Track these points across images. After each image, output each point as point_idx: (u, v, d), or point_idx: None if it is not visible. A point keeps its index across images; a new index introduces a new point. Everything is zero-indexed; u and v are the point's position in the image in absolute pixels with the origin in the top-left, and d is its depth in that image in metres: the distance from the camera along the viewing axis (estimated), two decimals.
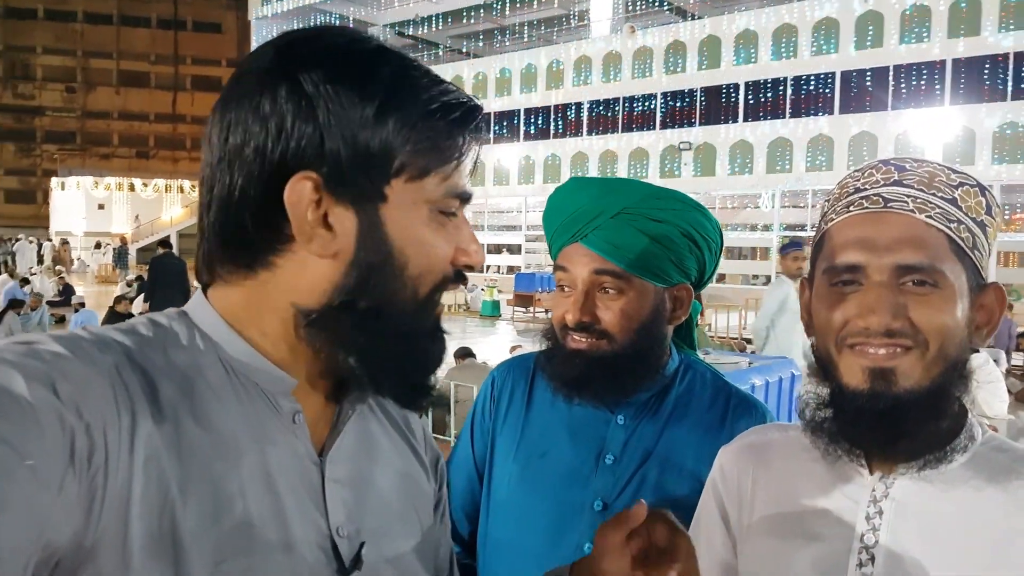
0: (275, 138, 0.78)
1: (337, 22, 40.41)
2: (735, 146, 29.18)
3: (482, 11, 37.14)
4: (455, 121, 0.83)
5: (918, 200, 1.05)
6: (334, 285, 0.81)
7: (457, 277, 0.88)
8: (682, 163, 30.22)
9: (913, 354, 1.02)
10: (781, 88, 28.28)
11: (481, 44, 39.79)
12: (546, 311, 21.04)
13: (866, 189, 1.09)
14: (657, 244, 1.50)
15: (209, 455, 0.77)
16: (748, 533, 1.21)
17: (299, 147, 0.78)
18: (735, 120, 29.23)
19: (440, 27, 39.11)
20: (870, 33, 26.60)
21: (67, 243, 35.20)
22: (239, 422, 0.81)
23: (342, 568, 0.84)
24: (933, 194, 1.05)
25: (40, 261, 32.49)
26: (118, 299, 14.24)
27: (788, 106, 28.17)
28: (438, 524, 1.06)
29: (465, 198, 0.87)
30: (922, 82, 25.79)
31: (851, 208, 1.09)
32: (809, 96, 27.83)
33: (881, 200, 1.06)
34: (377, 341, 0.83)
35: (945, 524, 1.04)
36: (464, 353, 9.47)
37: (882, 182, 1.08)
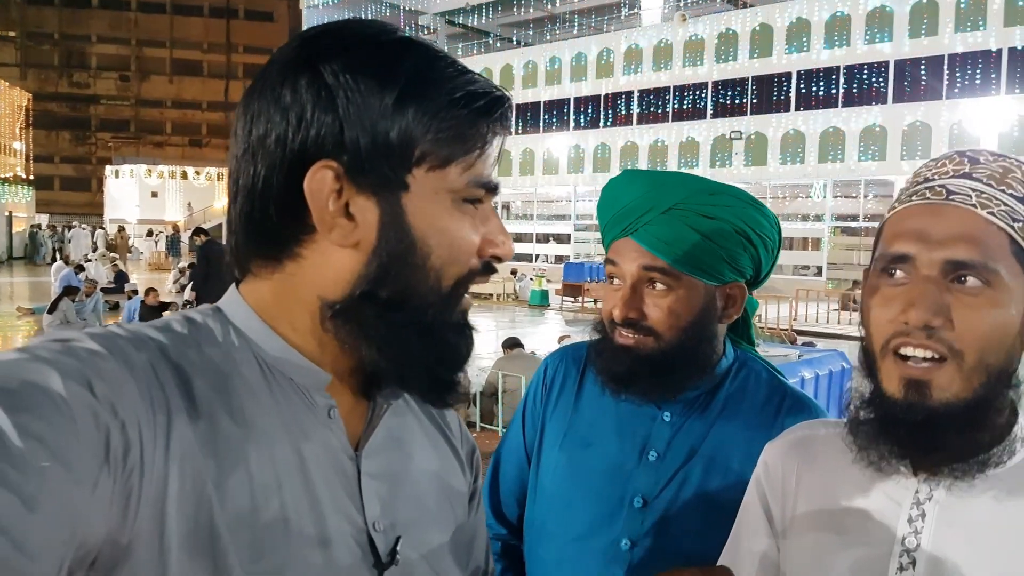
0: (295, 128, 0.78)
1: (388, 11, 40.55)
2: (787, 136, 28.83)
3: (532, 0, 37.01)
4: (478, 110, 0.82)
5: (983, 195, 1.00)
6: (356, 275, 0.81)
7: (485, 269, 0.87)
8: (733, 153, 29.91)
9: (949, 367, 0.98)
10: (834, 78, 27.86)
11: (531, 33, 39.67)
12: (595, 301, 21.00)
13: (934, 179, 1.04)
14: (709, 241, 1.47)
15: (244, 451, 0.77)
16: (790, 531, 1.18)
17: (319, 136, 0.78)
18: (787, 110, 28.86)
19: (490, 16, 39.09)
20: (925, 22, 26.08)
21: (124, 231, 35.82)
22: (274, 418, 0.81)
23: (379, 562, 0.85)
24: (1003, 190, 1.00)
25: (94, 248, 33.12)
26: (148, 291, 14.40)
27: (841, 96, 27.76)
28: (473, 517, 1.06)
29: (491, 188, 0.86)
30: (977, 72, 25.24)
31: (914, 198, 1.05)
32: (862, 86, 27.39)
33: (944, 191, 1.01)
34: (400, 333, 0.83)
35: (992, 529, 1.00)
36: (512, 343, 9.47)
37: (951, 173, 1.03)
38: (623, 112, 32.96)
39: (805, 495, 1.17)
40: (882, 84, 27.00)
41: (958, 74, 25.60)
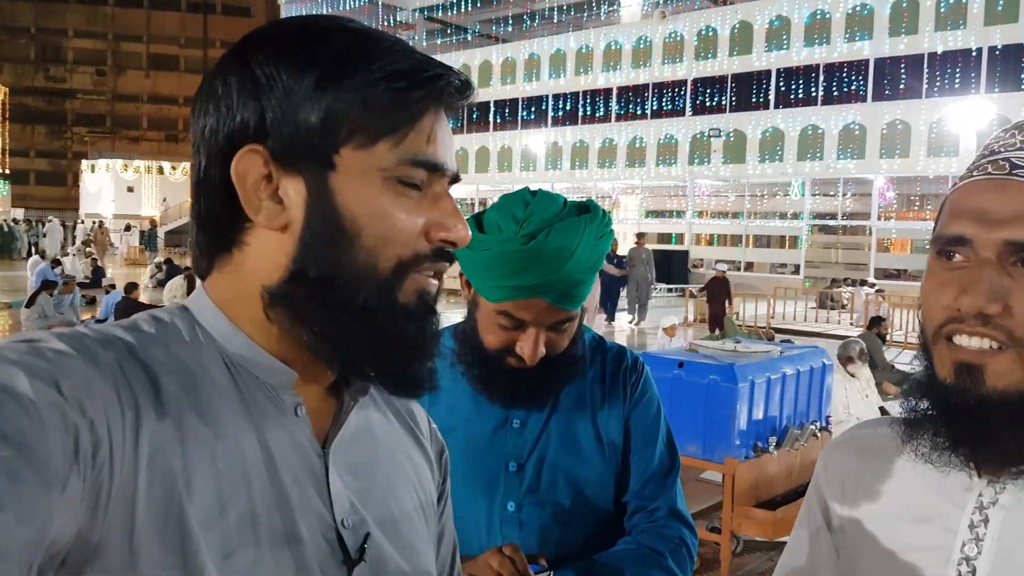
0: (224, 117, 0.81)
1: (366, 6, 40.39)
2: (766, 134, 28.97)
3: None
4: (406, 86, 0.81)
5: None
6: (288, 257, 0.81)
7: (437, 255, 0.85)
8: (712, 151, 30.03)
9: (1008, 355, 0.90)
10: (813, 76, 28.02)
11: (511, 29, 39.65)
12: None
13: (999, 151, 0.96)
14: (593, 273, 1.60)
15: (213, 449, 0.77)
16: (848, 532, 1.12)
17: (244, 123, 0.80)
18: (766, 108, 29.01)
19: (469, 11, 39.02)
20: (904, 21, 26.26)
21: (103, 225, 35.49)
22: (241, 416, 0.81)
23: (348, 559, 0.85)
24: None
25: (72, 242, 32.82)
26: (130, 286, 14.33)
27: (820, 94, 27.91)
28: (441, 515, 1.08)
29: (431, 167, 0.84)
30: (957, 70, 25.46)
31: (975, 173, 0.96)
32: (841, 85, 27.57)
33: (1007, 165, 0.93)
34: (333, 315, 0.82)
35: None
36: None
37: (1019, 144, 0.95)
38: (601, 109, 33.03)
39: (865, 495, 1.11)
40: (862, 83, 27.19)
41: (937, 73, 25.81)
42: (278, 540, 0.79)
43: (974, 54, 25.11)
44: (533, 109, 34.81)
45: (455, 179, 0.89)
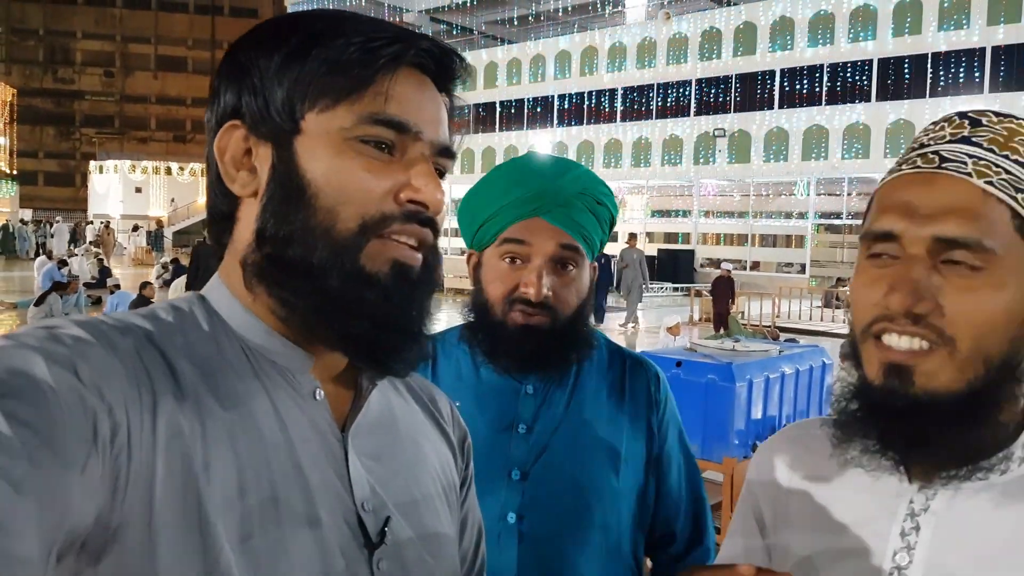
0: (215, 105, 0.87)
1: (372, 9, 40.40)
2: (770, 134, 28.91)
3: None
4: (363, 49, 0.82)
5: (981, 162, 0.88)
6: (255, 222, 0.84)
7: (407, 217, 0.83)
8: (716, 150, 29.99)
9: (938, 354, 0.87)
10: (817, 75, 27.95)
11: (516, 29, 39.65)
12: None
13: (928, 145, 0.93)
14: (598, 225, 1.58)
15: (232, 432, 0.77)
16: (781, 536, 1.08)
17: (226, 105, 0.85)
18: (770, 108, 28.94)
19: (475, 13, 39.03)
20: (908, 20, 26.19)
21: (109, 226, 35.61)
22: (260, 400, 0.82)
23: (368, 542, 0.85)
24: (1006, 156, 0.88)
25: (75, 242, 32.93)
26: (144, 284, 14.40)
27: (824, 94, 27.85)
28: (464, 501, 1.07)
29: (393, 124, 0.83)
30: (961, 70, 25.37)
31: (903, 167, 0.94)
32: (845, 84, 27.49)
33: (937, 158, 0.90)
34: (290, 277, 0.82)
35: (996, 545, 0.88)
36: None
37: (948, 137, 0.92)
38: (607, 109, 32.98)
39: (797, 499, 1.06)
40: (866, 82, 27.10)
41: (941, 72, 25.72)
42: (298, 523, 0.79)
43: (978, 53, 25.03)
44: (539, 109, 34.78)
45: (445, 151, 0.88)
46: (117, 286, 16.79)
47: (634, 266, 18.03)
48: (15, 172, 52.09)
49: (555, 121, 34.35)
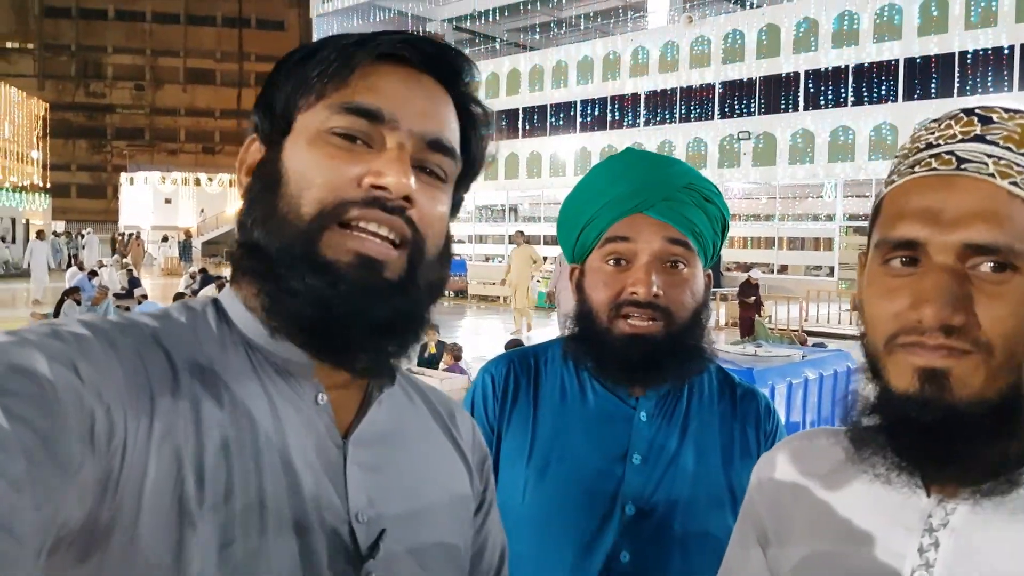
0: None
1: (396, 17, 40.45)
2: (796, 135, 28.70)
3: (539, 4, 37.07)
4: (341, 51, 0.84)
5: (1002, 161, 0.84)
6: (239, 216, 0.87)
7: (367, 203, 0.81)
8: (741, 153, 29.84)
9: (972, 359, 0.82)
10: (843, 77, 27.72)
11: (538, 37, 39.71)
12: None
13: (939, 145, 0.88)
14: (709, 224, 1.48)
15: (225, 434, 0.77)
16: (786, 553, 1.02)
17: (252, 124, 0.90)
18: (795, 109, 28.69)
19: (497, 20, 39.13)
20: (934, 18, 25.95)
21: (139, 236, 36.02)
22: (260, 403, 0.81)
23: (358, 554, 0.83)
24: (1023, 154, 0.84)
25: (111, 253, 33.31)
26: (178, 296, 14.50)
27: (850, 94, 27.62)
28: (479, 525, 1.03)
29: (361, 112, 0.83)
30: (989, 68, 25.09)
31: (916, 169, 0.88)
32: (871, 85, 27.22)
33: (954, 160, 0.85)
34: (260, 263, 0.83)
35: (1019, 561, 0.84)
36: (514, 345, 9.49)
37: (960, 136, 0.87)
38: (630, 114, 32.86)
39: (802, 515, 1.01)
40: (892, 83, 26.87)
41: (969, 73, 25.43)
42: (285, 529, 0.78)
43: (1006, 52, 24.75)
44: (561, 115, 34.74)
45: (436, 145, 0.87)
46: (145, 296, 16.97)
47: None
48: (48, 185, 52.82)
49: (578, 127, 34.32)
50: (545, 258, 34.71)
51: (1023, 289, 0.81)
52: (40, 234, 22.11)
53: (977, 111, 0.89)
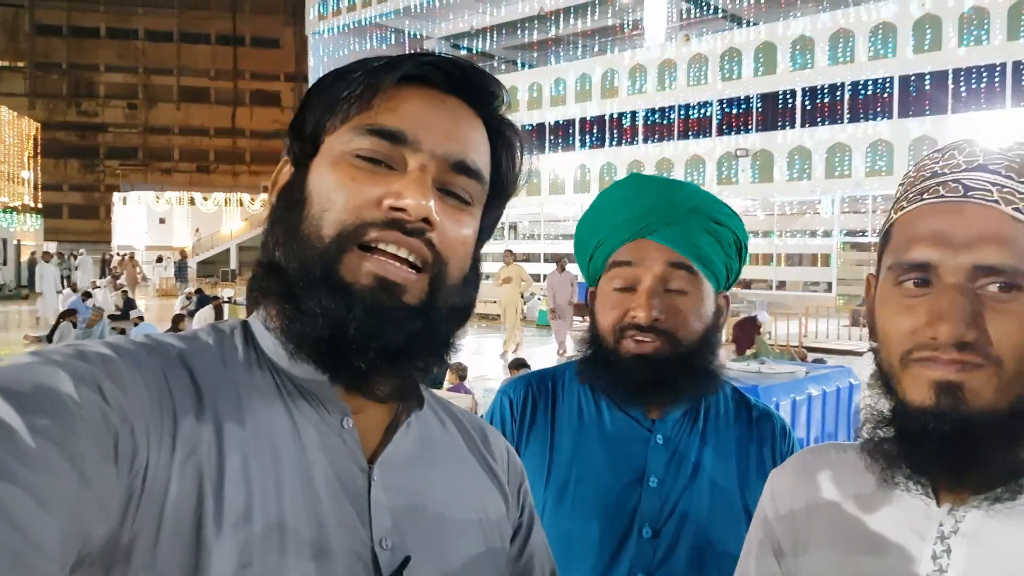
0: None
1: (392, 37, 40.84)
2: (793, 151, 28.82)
3: (536, 23, 37.21)
4: (370, 72, 0.84)
5: (1005, 189, 0.90)
6: (263, 236, 0.88)
7: (387, 224, 0.81)
8: (739, 169, 29.92)
9: (985, 372, 0.87)
10: (839, 93, 27.87)
11: (535, 55, 39.86)
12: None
13: (945, 174, 0.94)
14: (718, 247, 1.49)
15: (246, 455, 0.77)
16: (801, 566, 1.06)
17: (285, 147, 0.91)
18: (792, 126, 28.88)
19: (495, 40, 39.28)
20: (928, 36, 26.12)
21: (133, 257, 35.92)
22: (282, 425, 0.81)
23: None
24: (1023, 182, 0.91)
25: (103, 274, 33.20)
26: (178, 317, 14.41)
27: (846, 111, 27.76)
28: (518, 551, 1.02)
29: (384, 134, 0.83)
30: (983, 84, 25.21)
31: (925, 196, 0.94)
32: (867, 100, 27.39)
33: (960, 188, 0.91)
34: (280, 284, 0.83)
35: None
36: (518, 364, 9.39)
37: (963, 166, 0.93)
38: (628, 129, 33.03)
39: (817, 529, 1.05)
40: (887, 98, 27.01)
41: (963, 87, 25.59)
42: (305, 553, 0.76)
43: (999, 69, 24.88)
44: (560, 134, 34.89)
45: (460, 167, 0.86)
46: (140, 318, 16.84)
47: (564, 292, 16.83)
48: (40, 205, 52.78)
49: (576, 143, 34.41)
50: (543, 276, 34.94)
51: None
52: (47, 256, 22.29)
53: (978, 142, 0.95)
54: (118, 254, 39.97)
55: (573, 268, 17.53)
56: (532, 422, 1.55)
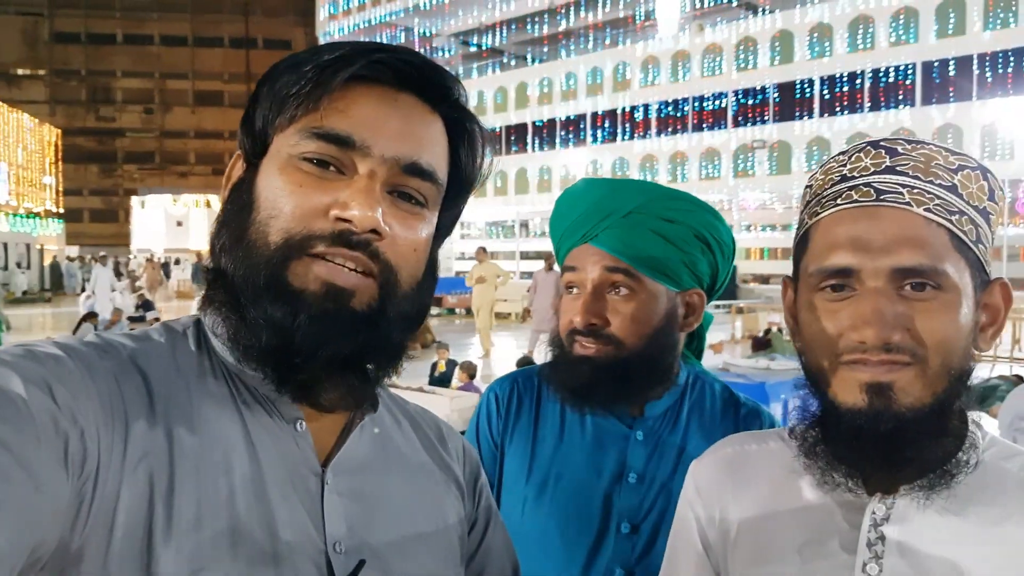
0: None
1: (402, 35, 40.88)
2: (812, 142, 28.57)
3: (546, 17, 37.09)
4: (318, 68, 0.81)
5: (914, 190, 0.93)
6: (211, 239, 0.85)
7: (335, 238, 0.78)
8: (756, 161, 29.70)
9: (912, 370, 0.90)
10: (859, 81, 27.57)
11: (546, 50, 39.73)
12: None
13: (855, 177, 0.97)
14: (670, 245, 1.46)
15: (198, 461, 0.75)
16: (731, 558, 1.07)
17: (238, 139, 0.88)
18: (811, 116, 28.62)
19: (504, 35, 39.18)
20: (952, 20, 25.79)
21: (152, 261, 36.14)
22: (233, 429, 0.79)
23: None
24: (931, 181, 0.94)
25: (119, 277, 33.36)
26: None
27: (867, 99, 27.47)
28: (475, 545, 1.02)
29: (331, 138, 0.80)
30: (1009, 69, 24.87)
31: (839, 201, 0.97)
32: (889, 88, 27.09)
33: (873, 191, 0.94)
34: (224, 291, 0.81)
35: (959, 543, 0.92)
36: (525, 363, 9.36)
37: (872, 169, 0.96)
38: (641, 123, 32.85)
39: (745, 522, 1.06)
40: (910, 85, 26.72)
41: (988, 72, 25.26)
42: (257, 559, 0.75)
43: None
44: (571, 126, 34.76)
45: (412, 168, 0.83)
46: (157, 319, 16.86)
47: (546, 291, 14.64)
48: (61, 210, 53.17)
49: (588, 138, 34.27)
50: None
51: (947, 303, 0.91)
52: (103, 259, 22.52)
53: (883, 144, 0.97)
54: (135, 256, 40.14)
55: (511, 266, 16.79)
56: (517, 418, 1.57)
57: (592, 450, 1.50)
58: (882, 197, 0.93)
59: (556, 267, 12.43)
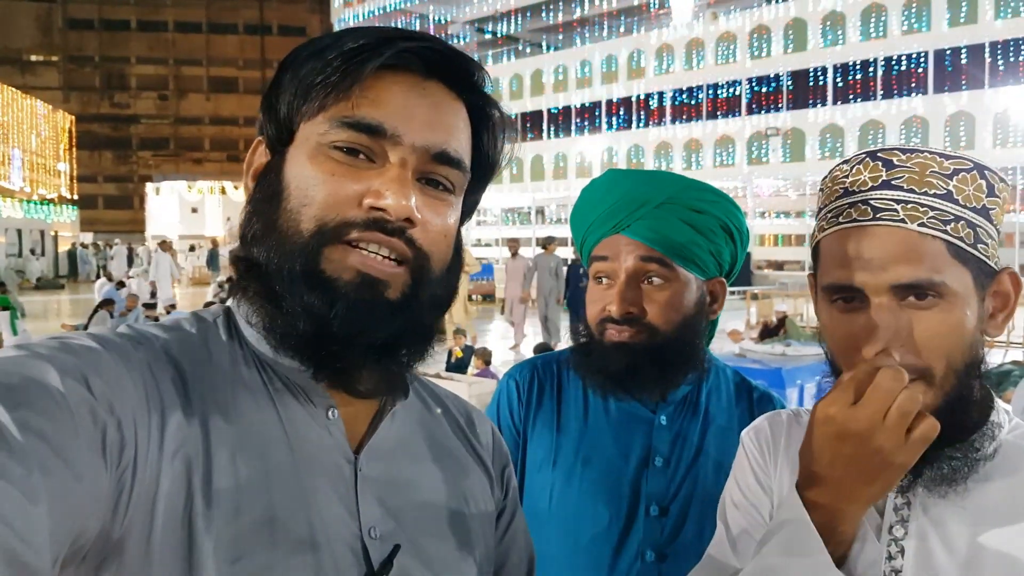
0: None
1: (417, 22, 40.76)
2: (825, 130, 28.48)
3: (561, 4, 36.98)
4: (346, 56, 0.81)
5: (908, 205, 0.98)
6: (240, 228, 0.85)
7: (368, 224, 0.80)
8: (770, 149, 29.61)
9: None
10: (871, 69, 27.45)
11: (561, 37, 39.64)
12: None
13: (855, 192, 1.02)
14: (699, 235, 1.50)
15: (235, 450, 0.77)
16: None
17: (259, 125, 0.89)
18: (824, 103, 28.52)
19: (520, 23, 39.10)
20: (964, 8, 25.63)
21: (169, 246, 36.34)
22: (269, 417, 0.81)
23: (371, 571, 0.81)
24: (925, 192, 0.98)
25: (131, 264, 33.47)
26: (208, 305, 14.43)
27: (879, 87, 27.34)
28: (501, 533, 1.03)
29: (362, 127, 0.81)
30: (1021, 57, 24.70)
31: (841, 219, 1.03)
32: (901, 76, 26.97)
33: (870, 210, 0.99)
34: (258, 279, 0.81)
35: (980, 523, 0.97)
36: (543, 348, 9.42)
37: (870, 183, 1.01)
38: (656, 110, 32.77)
39: (785, 483, 1.13)
40: (922, 73, 26.57)
41: (1000, 60, 25.11)
42: (294, 545, 0.76)
43: None
44: (586, 114, 34.71)
45: (441, 157, 0.84)
46: (173, 306, 16.99)
47: (549, 276, 13.78)
48: (75, 197, 53.44)
49: (603, 125, 34.21)
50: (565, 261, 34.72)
51: (947, 309, 0.96)
52: (163, 245, 22.46)
53: (880, 156, 1.01)
54: (145, 245, 40.27)
55: (527, 253, 16.12)
56: (539, 405, 1.60)
57: (618, 435, 1.53)
58: (878, 216, 0.98)
59: (521, 253, 12.13)
